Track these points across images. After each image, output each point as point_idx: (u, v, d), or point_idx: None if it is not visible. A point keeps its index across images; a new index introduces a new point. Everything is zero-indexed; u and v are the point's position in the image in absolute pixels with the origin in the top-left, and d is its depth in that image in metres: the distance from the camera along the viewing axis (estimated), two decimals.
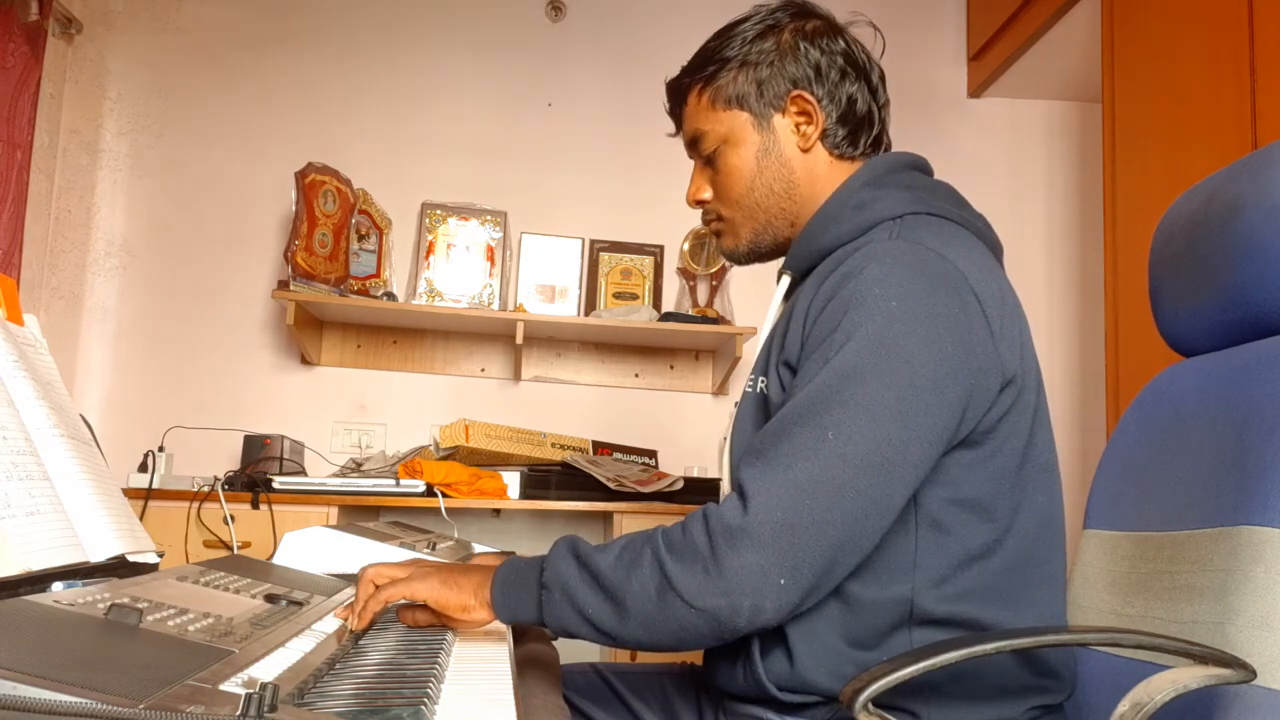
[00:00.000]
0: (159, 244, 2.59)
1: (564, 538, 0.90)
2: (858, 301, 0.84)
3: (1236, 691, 0.78)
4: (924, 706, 0.85)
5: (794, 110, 1.01)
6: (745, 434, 0.97)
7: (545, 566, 0.87)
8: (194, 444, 2.42)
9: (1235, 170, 0.98)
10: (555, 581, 0.85)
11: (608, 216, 2.76)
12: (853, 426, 0.80)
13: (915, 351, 0.82)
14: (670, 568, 0.80)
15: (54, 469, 0.83)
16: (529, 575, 0.88)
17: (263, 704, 0.46)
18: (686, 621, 0.79)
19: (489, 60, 2.78)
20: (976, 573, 0.87)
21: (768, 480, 0.79)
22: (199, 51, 2.67)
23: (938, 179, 1.03)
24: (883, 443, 0.80)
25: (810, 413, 0.81)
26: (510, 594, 0.88)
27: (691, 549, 0.80)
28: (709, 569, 0.78)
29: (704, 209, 1.09)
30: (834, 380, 0.82)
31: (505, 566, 0.90)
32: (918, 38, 2.94)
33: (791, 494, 0.78)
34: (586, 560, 0.85)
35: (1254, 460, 0.84)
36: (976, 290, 0.87)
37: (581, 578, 0.84)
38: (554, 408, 2.67)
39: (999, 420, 0.87)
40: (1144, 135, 2.08)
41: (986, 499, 0.87)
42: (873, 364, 0.81)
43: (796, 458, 0.79)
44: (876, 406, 0.80)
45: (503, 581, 0.89)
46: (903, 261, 0.86)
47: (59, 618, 0.59)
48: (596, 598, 0.83)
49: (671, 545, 0.81)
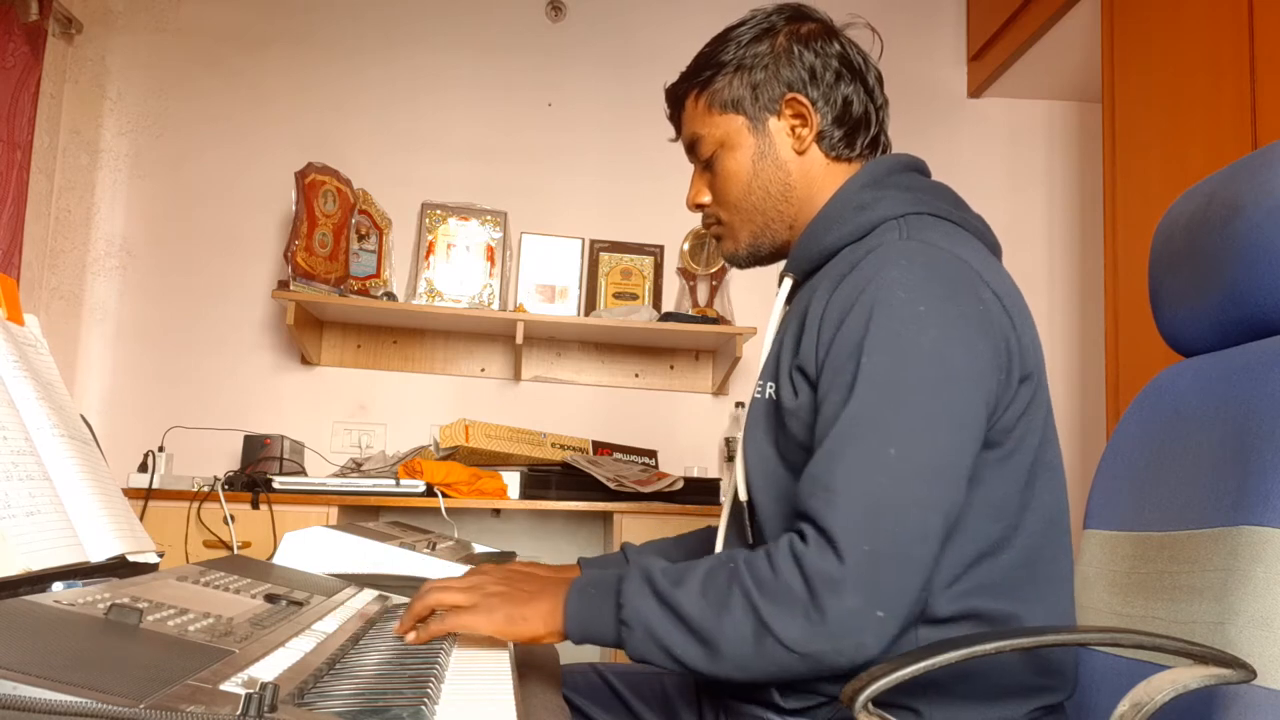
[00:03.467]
0: (159, 244, 2.59)
1: (635, 565, 0.86)
2: (883, 306, 0.83)
3: (1236, 691, 0.78)
4: (926, 704, 0.85)
5: (789, 113, 1.01)
6: (757, 440, 0.97)
7: (622, 602, 0.83)
8: (194, 444, 2.42)
9: (1235, 170, 0.98)
10: (636, 620, 0.82)
11: (608, 216, 2.76)
12: (912, 439, 0.79)
13: (952, 355, 0.82)
14: (766, 613, 0.77)
15: (54, 469, 0.83)
16: (604, 608, 0.84)
17: (263, 704, 0.46)
18: (786, 664, 0.77)
19: (489, 60, 2.78)
20: (985, 570, 0.87)
21: (843, 514, 0.77)
22: (199, 51, 2.67)
23: (936, 180, 1.03)
24: (942, 450, 0.80)
25: (863, 430, 0.80)
26: (587, 626, 0.85)
27: (788, 594, 0.77)
28: (810, 616, 0.76)
29: (704, 213, 1.10)
30: (879, 393, 0.81)
31: (577, 595, 0.86)
32: (918, 38, 2.94)
33: (870, 520, 0.77)
34: (667, 597, 0.81)
35: (1254, 460, 0.84)
36: (994, 288, 0.88)
37: (665, 616, 0.81)
38: (554, 408, 2.67)
39: (1018, 418, 0.87)
40: (1144, 135, 2.08)
41: (1001, 497, 0.87)
42: (916, 373, 0.81)
43: (863, 480, 0.78)
44: (929, 415, 0.80)
45: (576, 613, 0.85)
46: (920, 263, 0.86)
47: (59, 618, 0.59)
48: (684, 639, 0.80)
49: (763, 587, 0.78)
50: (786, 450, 0.94)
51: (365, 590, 1.09)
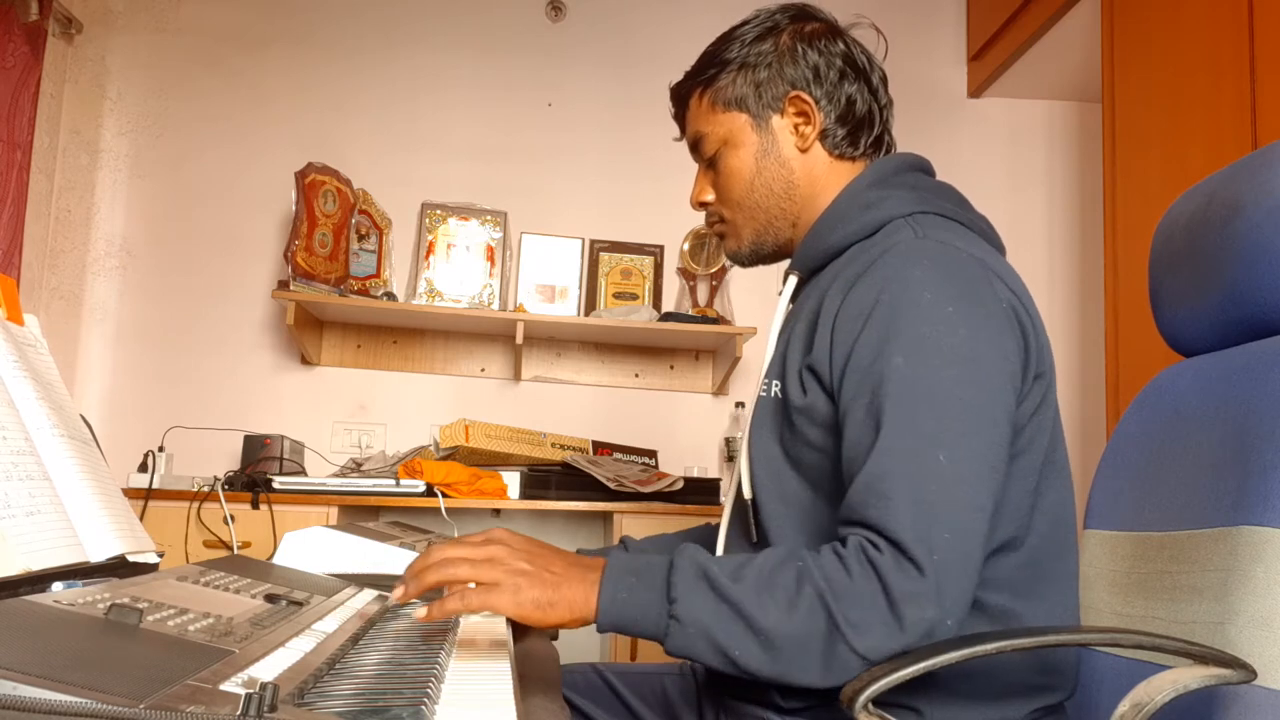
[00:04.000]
0: (159, 244, 2.59)
1: (685, 556, 0.80)
2: (910, 308, 0.83)
3: (1236, 691, 0.78)
4: (927, 704, 0.85)
5: (792, 111, 1.01)
6: (763, 439, 0.97)
7: (675, 595, 0.78)
8: (194, 444, 2.42)
9: (1235, 170, 0.98)
10: (690, 615, 0.77)
11: (608, 216, 2.76)
12: (957, 444, 0.79)
13: (983, 354, 0.82)
14: (842, 617, 0.75)
15: (54, 469, 0.83)
16: (650, 600, 0.79)
17: (263, 704, 0.46)
18: (850, 668, 0.75)
19: (489, 60, 2.78)
20: (992, 568, 0.86)
21: (908, 523, 0.76)
22: (199, 51, 2.67)
23: (940, 179, 1.04)
24: (984, 452, 0.80)
25: (909, 436, 0.79)
26: (625, 617, 0.79)
27: (867, 601, 0.75)
28: (889, 624, 0.74)
29: (707, 211, 1.10)
30: (918, 397, 0.80)
31: (614, 583, 0.80)
32: (918, 38, 2.94)
33: (932, 529, 0.76)
34: (727, 593, 0.77)
35: (1254, 460, 0.84)
36: (1011, 287, 0.88)
37: (724, 614, 0.76)
38: (554, 408, 2.67)
39: (1029, 417, 0.87)
40: (1144, 135, 2.08)
41: (1015, 497, 0.87)
42: (952, 375, 0.81)
43: (917, 488, 0.77)
44: (969, 418, 0.80)
45: (613, 602, 0.79)
46: (941, 263, 0.86)
47: (59, 618, 0.59)
48: (746, 639, 0.76)
49: (838, 591, 0.76)
50: (793, 448, 0.94)
51: (365, 590, 1.09)
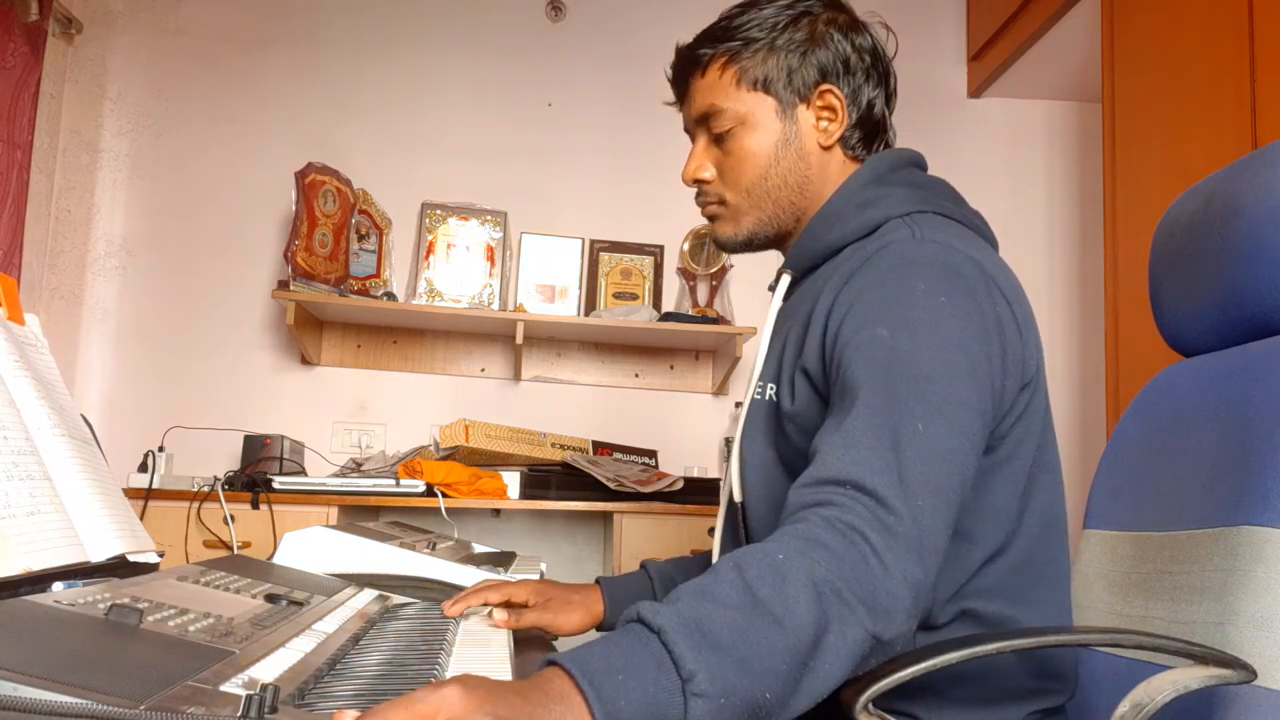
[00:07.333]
0: (159, 244, 2.59)
1: (669, 618, 0.62)
2: (904, 294, 0.82)
3: (1237, 692, 0.78)
4: (925, 709, 0.85)
5: (819, 104, 0.98)
6: (756, 443, 0.95)
7: (691, 669, 0.59)
8: (194, 444, 2.42)
9: (1235, 170, 0.98)
10: (713, 686, 0.60)
11: (608, 216, 2.76)
12: (935, 420, 0.75)
13: (970, 348, 0.80)
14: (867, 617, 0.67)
15: (54, 469, 0.83)
16: (657, 685, 0.59)
17: (263, 705, 0.46)
18: (896, 599, 0.68)
19: (489, 60, 2.78)
20: (983, 574, 0.86)
21: (887, 479, 0.72)
22: (199, 51, 2.66)
23: (935, 175, 1.03)
24: (959, 436, 0.76)
25: (889, 403, 0.76)
26: (634, 714, 0.58)
27: (864, 563, 0.68)
28: (892, 565, 0.69)
29: (702, 189, 1.03)
30: (903, 369, 0.77)
31: (599, 688, 0.57)
32: (918, 38, 2.94)
33: (907, 485, 0.72)
34: (735, 648, 0.62)
35: (1254, 460, 0.84)
36: (1005, 293, 0.87)
37: (740, 664, 0.61)
38: (554, 408, 2.67)
39: (1013, 424, 0.86)
40: (1144, 135, 2.08)
41: (1002, 503, 0.86)
42: (938, 357, 0.78)
43: (896, 449, 0.73)
44: (949, 399, 0.77)
45: (613, 709, 0.57)
46: (939, 263, 0.85)
47: (59, 618, 0.59)
48: (779, 675, 0.62)
49: (845, 576, 0.67)
50: (785, 454, 0.93)
51: (365, 590, 1.09)
